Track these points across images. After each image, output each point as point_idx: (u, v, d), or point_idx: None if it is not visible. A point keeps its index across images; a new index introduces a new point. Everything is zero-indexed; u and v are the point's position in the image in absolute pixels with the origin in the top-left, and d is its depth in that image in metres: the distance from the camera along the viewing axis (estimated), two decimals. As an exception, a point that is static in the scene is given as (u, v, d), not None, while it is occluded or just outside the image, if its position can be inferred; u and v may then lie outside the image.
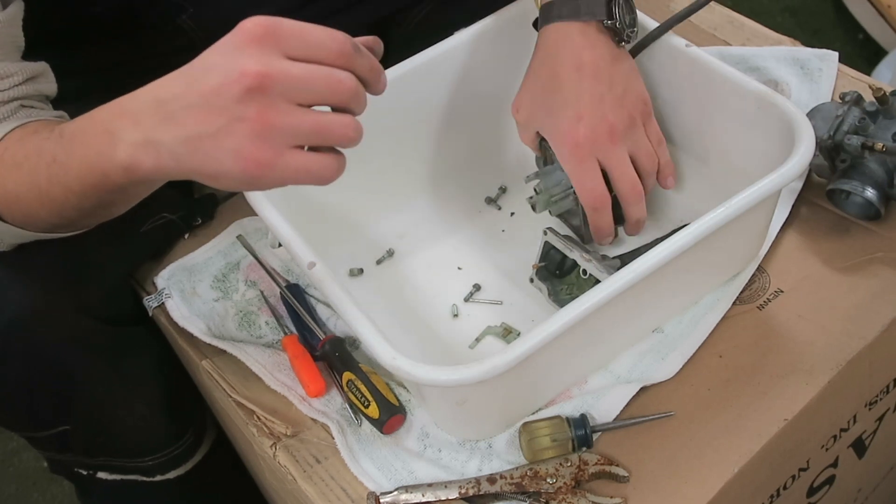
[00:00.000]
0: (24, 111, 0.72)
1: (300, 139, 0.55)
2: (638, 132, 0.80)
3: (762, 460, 0.72)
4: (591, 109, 0.77)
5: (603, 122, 0.77)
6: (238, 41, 0.54)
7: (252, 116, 0.53)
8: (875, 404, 0.84)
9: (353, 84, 0.56)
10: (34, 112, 0.72)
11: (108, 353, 0.85)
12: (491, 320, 0.84)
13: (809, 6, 2.02)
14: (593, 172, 0.78)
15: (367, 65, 0.57)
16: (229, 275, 0.90)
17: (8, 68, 0.70)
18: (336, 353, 0.80)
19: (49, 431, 0.88)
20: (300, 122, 0.54)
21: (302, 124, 0.54)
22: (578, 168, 0.78)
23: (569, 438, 0.72)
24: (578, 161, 0.78)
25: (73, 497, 1.06)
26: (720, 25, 1.06)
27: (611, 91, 0.78)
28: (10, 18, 0.71)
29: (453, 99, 0.91)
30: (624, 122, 0.78)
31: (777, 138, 0.75)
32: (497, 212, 0.95)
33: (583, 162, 0.78)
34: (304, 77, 0.54)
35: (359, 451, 0.75)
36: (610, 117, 0.77)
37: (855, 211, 0.85)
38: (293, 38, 0.54)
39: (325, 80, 0.55)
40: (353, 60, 0.56)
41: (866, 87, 0.87)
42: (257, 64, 0.53)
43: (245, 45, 0.54)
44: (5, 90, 0.70)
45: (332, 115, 0.56)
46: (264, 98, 0.53)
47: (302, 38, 0.55)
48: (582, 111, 0.77)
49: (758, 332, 0.79)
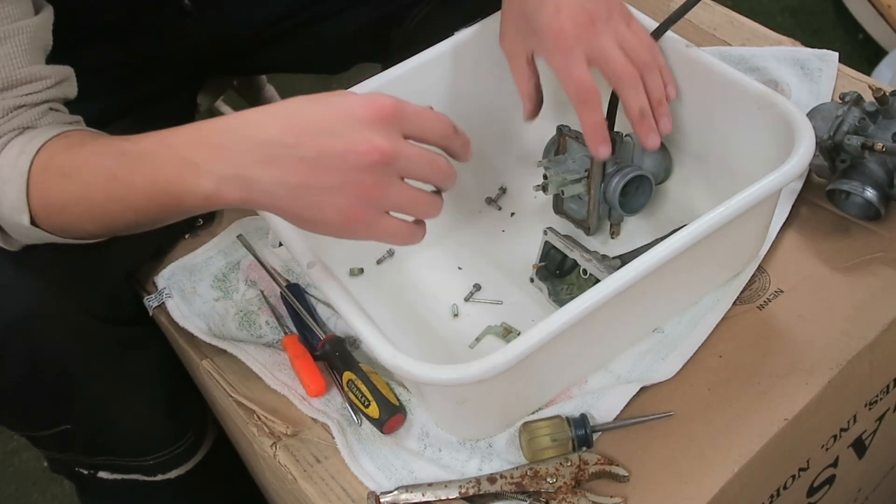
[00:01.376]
0: (52, 114, 0.72)
1: (396, 208, 0.62)
2: (620, 24, 0.78)
3: (762, 460, 0.72)
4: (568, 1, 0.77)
5: (582, 10, 0.76)
6: (369, 116, 0.59)
7: (368, 184, 0.59)
8: (875, 404, 0.84)
9: (449, 168, 0.63)
10: (59, 116, 0.73)
11: (109, 352, 0.85)
12: (491, 320, 0.84)
13: (809, 6, 2.02)
14: (579, 62, 0.76)
15: (461, 142, 0.65)
16: (230, 274, 0.91)
17: (41, 71, 0.71)
18: (336, 352, 0.80)
19: (50, 431, 0.88)
20: (403, 195, 0.61)
21: (403, 197, 0.61)
22: (564, 59, 0.76)
23: (569, 438, 0.72)
24: (564, 51, 0.76)
25: (74, 497, 1.06)
26: (720, 25, 1.06)
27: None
28: (43, 23, 0.72)
29: (453, 99, 0.91)
30: (603, 11, 0.77)
31: (777, 138, 0.75)
32: (497, 212, 0.95)
33: (569, 52, 0.76)
34: (416, 159, 0.61)
35: (359, 451, 0.75)
36: (588, 5, 0.77)
37: (855, 211, 0.85)
38: (413, 120, 0.61)
39: (430, 163, 0.62)
40: (453, 141, 0.64)
41: (866, 87, 0.87)
42: (387, 143, 0.59)
43: (376, 122, 0.59)
44: (39, 92, 0.71)
45: (425, 193, 0.63)
46: (383, 172, 0.59)
47: (419, 122, 0.61)
48: (560, 3, 0.76)
49: (758, 332, 0.79)
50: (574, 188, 0.85)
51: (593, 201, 0.85)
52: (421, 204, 0.63)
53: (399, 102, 0.60)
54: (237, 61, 1.12)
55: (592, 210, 0.85)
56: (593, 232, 0.88)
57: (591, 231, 0.87)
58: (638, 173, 0.83)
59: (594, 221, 0.87)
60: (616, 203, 0.84)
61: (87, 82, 0.77)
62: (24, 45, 0.70)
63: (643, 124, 0.78)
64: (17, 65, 0.69)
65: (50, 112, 0.72)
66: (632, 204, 0.86)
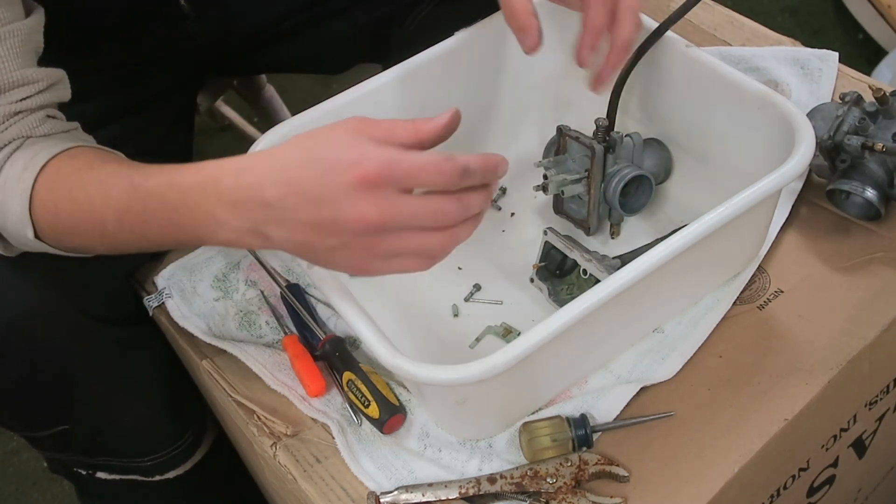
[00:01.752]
0: (50, 122, 0.73)
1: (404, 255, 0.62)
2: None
3: (762, 460, 0.72)
4: None
5: None
6: (355, 182, 0.58)
7: (367, 245, 0.60)
8: (875, 404, 0.84)
9: (458, 215, 0.61)
10: (57, 124, 0.73)
11: (109, 353, 0.85)
12: (491, 320, 0.84)
13: (809, 6, 2.02)
14: None
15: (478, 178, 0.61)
16: (230, 274, 0.90)
17: (33, 75, 0.71)
18: (336, 352, 0.80)
19: (49, 431, 0.88)
20: (407, 245, 0.61)
21: (408, 246, 0.61)
22: None
23: (569, 438, 0.72)
24: None
25: (73, 497, 1.06)
26: (720, 25, 1.06)
27: None
28: (34, 25, 0.72)
29: (453, 99, 0.90)
30: None
31: (777, 138, 0.75)
32: (497, 213, 0.95)
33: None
34: (414, 216, 0.59)
35: (359, 451, 0.75)
36: None
37: (855, 211, 0.85)
38: (408, 179, 0.58)
39: (432, 215, 0.60)
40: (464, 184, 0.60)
41: (866, 87, 0.87)
42: (375, 210, 0.58)
43: (364, 188, 0.58)
44: (33, 96, 0.71)
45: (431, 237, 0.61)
46: (378, 234, 0.59)
47: (416, 179, 0.59)
48: None
49: (758, 332, 0.79)
50: (574, 188, 0.85)
51: (593, 201, 0.85)
52: (428, 249, 0.62)
53: (389, 165, 0.58)
54: (237, 62, 1.12)
55: (592, 210, 0.85)
56: (593, 232, 0.88)
57: (591, 231, 0.88)
58: (638, 173, 0.83)
59: (594, 221, 0.87)
60: (616, 203, 0.84)
61: (86, 83, 0.77)
62: (16, 49, 0.70)
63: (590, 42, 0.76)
64: (8, 68, 0.69)
65: (48, 120, 0.72)
66: (632, 204, 0.86)
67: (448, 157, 0.59)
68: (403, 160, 0.58)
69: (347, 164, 0.58)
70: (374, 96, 0.84)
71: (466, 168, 0.59)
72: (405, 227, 0.60)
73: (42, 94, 0.72)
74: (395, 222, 0.59)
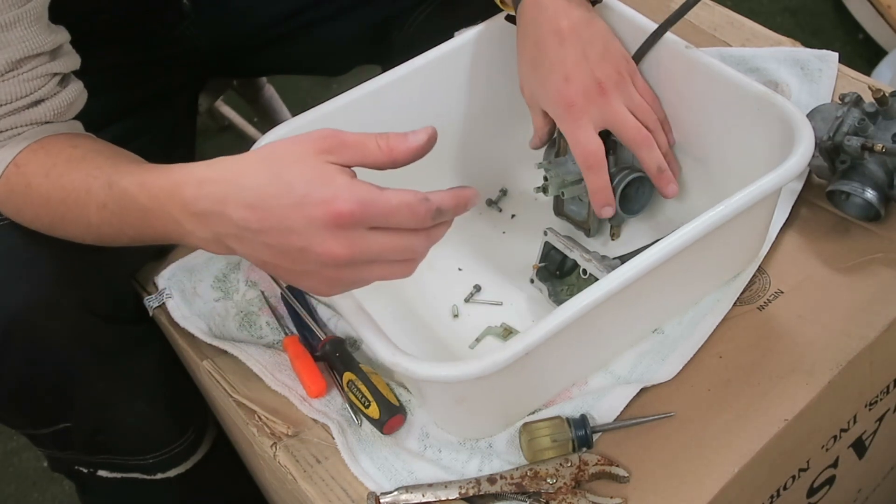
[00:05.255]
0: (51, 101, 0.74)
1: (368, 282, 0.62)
2: (629, 87, 0.81)
3: (762, 461, 0.72)
4: (577, 69, 0.79)
5: (591, 78, 0.79)
6: (326, 219, 0.57)
7: (332, 275, 0.60)
8: (875, 404, 0.84)
9: (425, 249, 0.61)
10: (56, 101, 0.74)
11: (111, 351, 0.85)
12: (491, 321, 0.84)
13: (809, 6, 2.02)
14: (587, 129, 0.79)
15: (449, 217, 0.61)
16: (230, 275, 0.90)
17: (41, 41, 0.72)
18: (336, 353, 0.80)
19: (50, 429, 0.88)
20: (372, 273, 0.61)
21: (373, 275, 0.61)
22: (573, 126, 0.79)
23: (569, 439, 0.72)
24: (573, 120, 0.79)
25: (74, 497, 1.06)
26: (720, 26, 1.06)
27: (592, 49, 0.80)
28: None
29: (454, 101, 0.91)
30: (612, 76, 0.80)
31: (777, 139, 0.75)
32: (498, 214, 0.95)
33: (578, 120, 0.79)
34: (383, 251, 0.59)
35: (359, 452, 0.75)
36: (597, 73, 0.79)
37: (855, 212, 0.85)
38: (378, 219, 0.58)
39: (400, 251, 0.60)
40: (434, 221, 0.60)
41: (866, 87, 0.87)
42: (342, 248, 0.58)
43: (334, 227, 0.57)
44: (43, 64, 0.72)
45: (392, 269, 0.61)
46: (344, 268, 0.59)
47: (387, 220, 0.58)
48: (568, 72, 0.79)
49: (758, 333, 0.79)
50: (574, 189, 0.85)
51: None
52: (390, 276, 0.62)
53: (363, 206, 0.57)
54: (238, 63, 1.12)
55: (593, 211, 0.85)
56: (594, 234, 0.88)
57: (591, 233, 0.88)
58: (638, 175, 0.83)
59: (594, 223, 0.87)
60: (617, 205, 0.84)
61: (87, 83, 0.77)
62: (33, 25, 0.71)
63: (662, 178, 0.82)
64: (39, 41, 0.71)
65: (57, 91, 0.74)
66: (632, 206, 0.86)
67: (421, 198, 0.58)
68: (377, 201, 0.57)
69: (318, 201, 0.57)
70: (374, 98, 0.84)
71: (440, 209, 0.59)
72: (371, 260, 0.60)
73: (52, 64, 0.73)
74: (362, 258, 0.59)
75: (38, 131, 0.73)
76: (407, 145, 0.60)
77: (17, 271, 0.78)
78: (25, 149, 0.72)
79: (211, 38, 1.00)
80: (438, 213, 0.59)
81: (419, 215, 0.58)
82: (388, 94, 0.85)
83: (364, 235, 0.58)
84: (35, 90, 0.72)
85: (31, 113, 0.72)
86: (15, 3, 0.69)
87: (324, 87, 1.72)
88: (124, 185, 0.66)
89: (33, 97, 0.72)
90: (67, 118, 0.76)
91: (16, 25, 0.69)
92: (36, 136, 0.73)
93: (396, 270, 0.61)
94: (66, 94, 0.75)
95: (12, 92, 0.71)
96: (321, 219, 0.57)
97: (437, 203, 0.59)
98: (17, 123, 0.72)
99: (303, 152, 0.59)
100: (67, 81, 0.76)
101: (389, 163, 0.60)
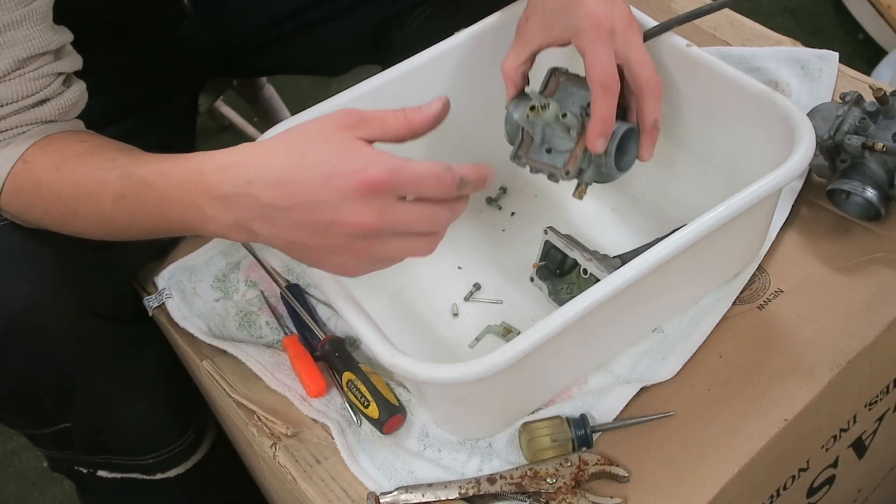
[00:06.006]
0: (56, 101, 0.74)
1: (392, 258, 0.63)
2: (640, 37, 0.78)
3: (762, 460, 0.72)
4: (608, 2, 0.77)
5: (620, 9, 0.77)
6: (359, 188, 0.58)
7: (360, 248, 0.61)
8: (875, 404, 0.84)
9: (448, 221, 0.63)
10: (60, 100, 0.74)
11: (111, 350, 0.85)
12: (491, 320, 0.84)
13: (809, 6, 2.02)
14: (608, 52, 0.76)
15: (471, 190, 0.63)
16: (230, 275, 0.90)
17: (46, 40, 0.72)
18: (336, 353, 0.80)
19: (50, 429, 0.88)
20: (396, 249, 0.62)
21: (397, 250, 0.62)
22: (597, 43, 0.75)
23: (569, 438, 0.72)
24: (599, 36, 0.75)
25: (74, 497, 1.06)
26: (720, 25, 1.06)
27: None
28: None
29: (454, 98, 0.90)
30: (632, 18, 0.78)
31: (777, 138, 0.75)
32: (498, 212, 0.95)
33: (603, 37, 0.76)
34: (408, 222, 0.61)
35: (359, 451, 0.75)
36: (623, 7, 0.78)
37: (855, 211, 0.85)
38: (408, 187, 0.60)
39: (427, 222, 0.62)
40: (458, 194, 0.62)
41: (866, 87, 0.87)
42: (374, 216, 0.59)
43: (365, 195, 0.59)
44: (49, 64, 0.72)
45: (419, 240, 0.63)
46: (373, 237, 0.60)
47: (417, 188, 0.60)
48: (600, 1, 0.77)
49: (758, 332, 0.79)
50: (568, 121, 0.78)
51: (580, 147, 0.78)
52: (414, 252, 0.63)
53: (392, 174, 0.59)
54: (238, 63, 1.12)
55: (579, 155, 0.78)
56: (572, 176, 0.80)
57: (568, 175, 0.80)
58: (631, 126, 0.78)
59: (574, 165, 0.79)
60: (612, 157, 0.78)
61: (88, 83, 0.77)
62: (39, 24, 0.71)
63: (652, 135, 0.78)
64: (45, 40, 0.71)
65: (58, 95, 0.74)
66: (623, 161, 0.80)
67: (447, 167, 0.60)
68: (406, 169, 0.59)
69: (349, 171, 0.58)
70: (374, 96, 0.84)
71: (464, 179, 0.61)
72: (399, 232, 0.61)
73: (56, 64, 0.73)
74: (391, 228, 0.60)
75: (43, 130, 0.73)
76: (423, 115, 0.63)
77: (17, 271, 0.78)
78: (33, 146, 0.71)
79: (211, 38, 1.00)
80: (462, 184, 0.61)
81: (445, 184, 0.60)
82: (388, 92, 0.85)
83: (394, 204, 0.59)
84: (40, 89, 0.72)
85: (36, 112, 0.72)
86: (21, 2, 0.69)
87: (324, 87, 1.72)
88: (142, 174, 0.66)
89: (38, 96, 0.72)
90: (70, 118, 0.76)
91: (21, 24, 0.69)
92: (41, 135, 0.72)
93: (421, 245, 0.63)
94: (70, 93, 0.74)
95: (18, 91, 0.71)
96: (352, 188, 0.58)
97: (462, 173, 0.61)
98: (22, 122, 0.72)
99: (327, 130, 0.61)
100: (71, 81, 0.76)
101: (409, 133, 0.62)
